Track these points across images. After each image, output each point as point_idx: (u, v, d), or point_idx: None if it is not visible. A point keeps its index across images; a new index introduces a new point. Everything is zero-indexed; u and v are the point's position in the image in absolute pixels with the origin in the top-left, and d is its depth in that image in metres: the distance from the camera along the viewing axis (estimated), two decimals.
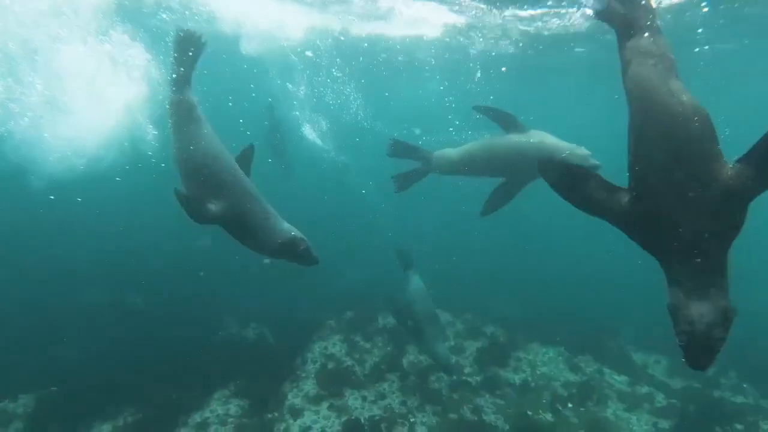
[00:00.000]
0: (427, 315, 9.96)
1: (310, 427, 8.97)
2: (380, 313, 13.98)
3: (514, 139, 6.80)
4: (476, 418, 9.73)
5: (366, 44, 16.90)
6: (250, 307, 14.25)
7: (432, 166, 7.57)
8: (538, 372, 11.72)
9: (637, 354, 13.30)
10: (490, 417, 9.86)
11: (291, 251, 4.66)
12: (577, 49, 15.92)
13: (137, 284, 15.19)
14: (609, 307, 16.56)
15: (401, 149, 7.64)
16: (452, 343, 12.57)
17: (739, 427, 9.86)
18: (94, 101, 10.96)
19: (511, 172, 6.95)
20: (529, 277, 20.22)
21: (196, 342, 11.86)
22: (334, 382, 10.15)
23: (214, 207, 4.58)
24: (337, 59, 18.68)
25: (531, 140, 6.63)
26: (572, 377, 11.60)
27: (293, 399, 9.73)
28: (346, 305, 14.12)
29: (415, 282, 10.43)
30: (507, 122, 6.88)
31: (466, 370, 11.47)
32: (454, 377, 10.65)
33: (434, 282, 16.99)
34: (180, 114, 5.31)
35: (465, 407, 10.03)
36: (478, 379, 11.13)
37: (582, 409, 10.49)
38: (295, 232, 4.74)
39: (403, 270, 10.92)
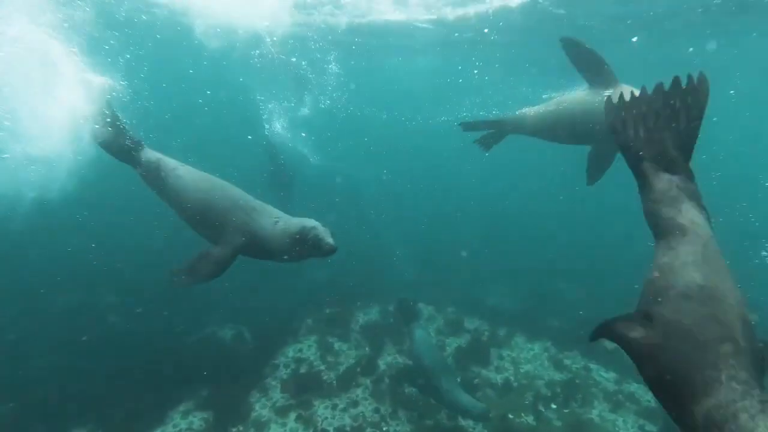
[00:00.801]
0: (438, 367, 9.38)
1: None
2: (360, 310, 13.49)
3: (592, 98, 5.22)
4: (453, 424, 9.26)
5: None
6: (232, 304, 13.75)
7: (509, 128, 6.84)
8: (521, 370, 11.22)
9: None
10: (468, 421, 9.37)
11: (303, 244, 4.46)
12: None
13: (114, 284, 14.83)
14: (603, 296, 16.03)
15: (473, 127, 7.10)
16: (434, 342, 12.06)
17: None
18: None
19: (593, 140, 5.51)
20: (523, 264, 19.73)
21: (168, 346, 11.39)
22: (305, 390, 9.66)
23: (224, 250, 4.69)
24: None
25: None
26: (557, 375, 11.10)
27: (260, 410, 9.24)
28: (327, 300, 13.61)
29: (419, 335, 9.78)
30: (592, 68, 5.29)
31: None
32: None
33: (422, 270, 16.81)
34: (151, 179, 5.27)
35: (442, 412, 9.54)
36: (465, 379, 10.61)
37: (566, 410, 10.01)
38: (305, 221, 4.58)
39: (406, 324, 10.30)
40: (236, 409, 9.12)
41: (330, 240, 4.29)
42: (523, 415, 9.79)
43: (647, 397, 10.56)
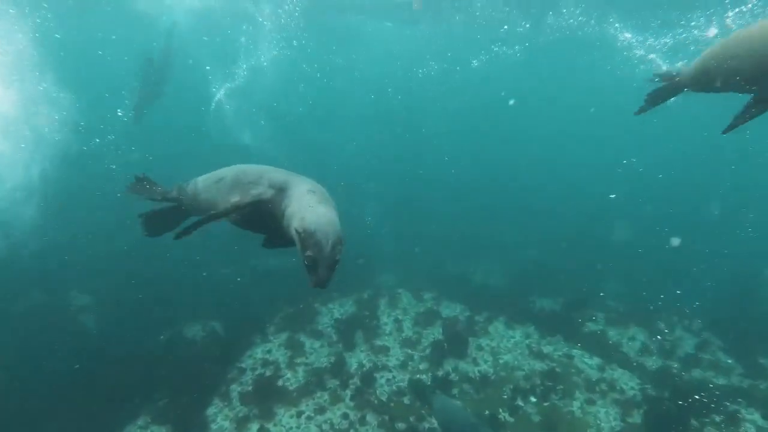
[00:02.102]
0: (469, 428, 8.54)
1: None
2: (335, 301, 12.94)
3: None
4: (426, 427, 8.79)
5: None
6: (207, 301, 13.18)
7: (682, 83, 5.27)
8: (500, 361, 10.73)
9: (613, 329, 12.29)
10: None
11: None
12: None
13: (85, 283, 14.34)
14: (590, 274, 15.55)
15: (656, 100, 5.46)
16: (410, 334, 11.56)
17: (717, 419, 8.92)
18: None
19: None
20: (511, 239, 19.24)
21: (133, 349, 10.86)
22: (269, 397, 9.14)
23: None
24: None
25: None
26: (538, 365, 10.61)
27: (222, 421, 8.74)
28: (301, 293, 13.04)
29: (442, 401, 8.61)
30: None
31: (421, 366, 10.45)
32: None
33: (400, 247, 16.23)
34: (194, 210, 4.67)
35: (416, 413, 9.07)
36: (437, 374, 10.12)
37: (546, 403, 9.55)
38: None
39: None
40: (195, 421, 8.61)
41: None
42: (500, 410, 9.33)
43: (631, 384, 10.12)
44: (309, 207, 3.24)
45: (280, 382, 9.69)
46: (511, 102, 29.93)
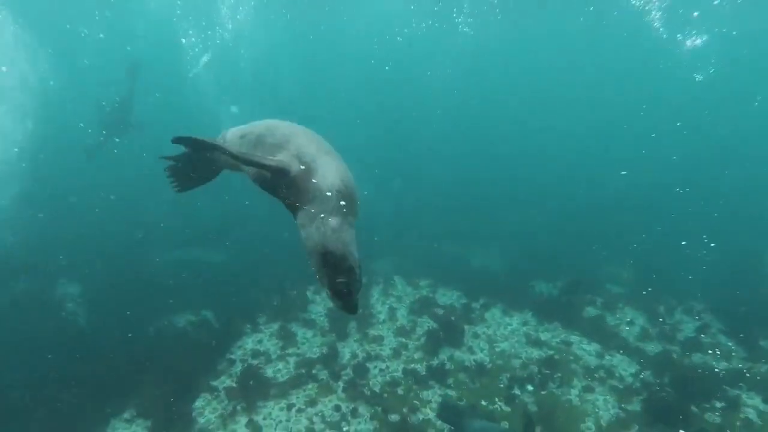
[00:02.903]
0: None
1: None
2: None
3: None
4: (420, 418, 8.57)
5: None
6: (199, 290, 12.91)
7: None
8: (497, 350, 10.50)
9: (611, 314, 12.06)
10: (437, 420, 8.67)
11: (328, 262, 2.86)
12: None
13: (75, 271, 14.12)
14: (590, 258, 15.31)
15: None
16: (405, 323, 11.31)
17: (718, 405, 8.71)
18: None
19: None
20: (510, 226, 18.97)
21: (122, 340, 10.63)
22: (258, 390, 8.90)
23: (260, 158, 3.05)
24: None
25: None
26: (535, 353, 10.39)
27: (209, 415, 8.51)
28: (297, 279, 12.79)
29: (476, 426, 7.97)
30: None
31: (416, 355, 10.21)
32: None
33: (398, 239, 15.95)
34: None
35: (409, 404, 8.85)
36: (432, 363, 9.88)
37: (543, 392, 9.33)
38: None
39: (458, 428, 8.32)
40: (182, 414, 8.37)
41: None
42: (496, 400, 9.11)
43: (630, 370, 9.91)
44: (344, 225, 2.77)
45: (270, 374, 9.45)
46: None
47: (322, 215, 2.75)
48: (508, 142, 32.95)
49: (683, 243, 15.48)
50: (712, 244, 14.19)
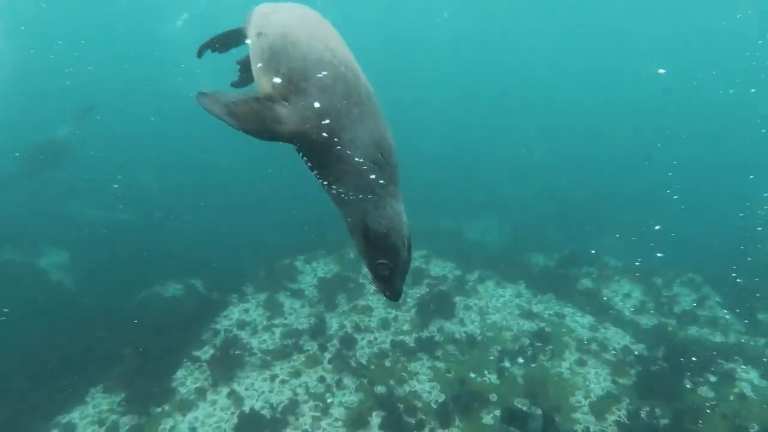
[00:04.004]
0: None
1: (203, 423, 7.63)
2: (321, 259, 12.40)
3: None
4: (406, 390, 8.39)
5: None
6: (189, 255, 12.67)
7: None
8: (488, 321, 10.26)
9: (608, 286, 11.78)
10: (423, 386, 8.50)
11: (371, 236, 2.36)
12: None
13: (61, 238, 13.92)
14: (589, 228, 14.99)
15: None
16: None
17: (712, 379, 8.48)
18: None
19: None
20: (509, 193, 18.64)
21: (107, 309, 10.47)
22: (242, 360, 8.72)
23: (285, 111, 2.26)
24: None
25: None
26: (527, 325, 10.15)
27: (191, 385, 8.34)
28: (286, 248, 12.52)
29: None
30: None
31: (405, 327, 9.99)
32: None
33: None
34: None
35: (396, 376, 8.66)
36: (421, 335, 9.65)
37: (533, 365, 9.12)
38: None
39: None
40: (163, 385, 8.20)
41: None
42: (486, 372, 8.91)
43: (623, 342, 9.68)
44: (386, 197, 2.28)
45: (254, 344, 9.25)
46: None
47: (357, 190, 2.26)
48: (511, 112, 32.20)
49: (682, 206, 15.14)
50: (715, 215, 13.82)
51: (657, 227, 15.31)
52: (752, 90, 26.79)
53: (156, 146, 21.09)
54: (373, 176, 2.24)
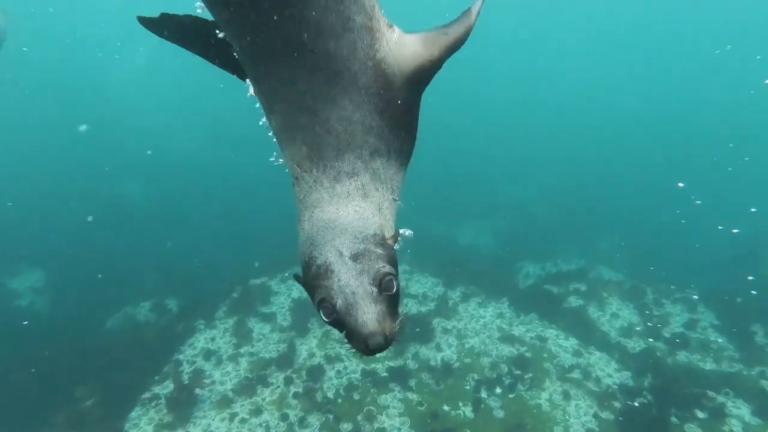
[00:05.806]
0: None
1: None
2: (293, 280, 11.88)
3: None
4: (374, 427, 7.92)
5: None
6: (164, 277, 12.24)
7: None
8: (466, 346, 9.74)
9: (596, 304, 11.19)
10: (393, 421, 8.04)
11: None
12: None
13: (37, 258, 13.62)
14: (581, 238, 14.42)
15: None
16: None
17: (700, 415, 7.93)
18: None
19: None
20: (503, 201, 18.09)
21: (71, 341, 10.02)
22: (200, 398, 8.27)
23: None
24: None
25: None
26: (506, 350, 9.62)
27: (145, 426, 7.90)
28: (263, 264, 12.04)
29: None
30: None
31: (377, 354, 9.46)
32: None
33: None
34: None
35: (364, 411, 8.19)
36: (399, 363, 9.17)
37: (511, 395, 8.62)
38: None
39: None
40: (115, 428, 7.78)
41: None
42: (461, 405, 8.42)
43: (608, 370, 9.15)
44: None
45: (217, 378, 8.80)
46: None
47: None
48: (506, 112, 31.51)
49: (683, 222, 14.52)
50: (720, 227, 13.15)
51: (657, 233, 14.80)
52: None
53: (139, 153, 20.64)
54: None
